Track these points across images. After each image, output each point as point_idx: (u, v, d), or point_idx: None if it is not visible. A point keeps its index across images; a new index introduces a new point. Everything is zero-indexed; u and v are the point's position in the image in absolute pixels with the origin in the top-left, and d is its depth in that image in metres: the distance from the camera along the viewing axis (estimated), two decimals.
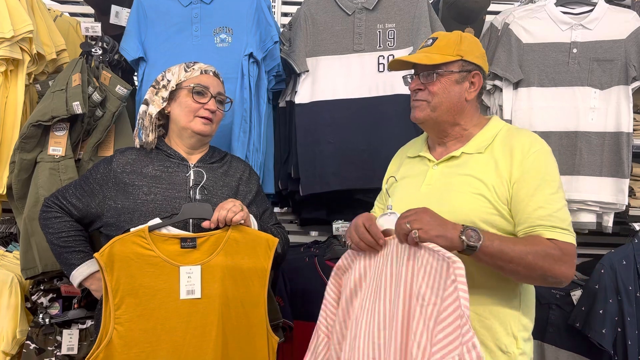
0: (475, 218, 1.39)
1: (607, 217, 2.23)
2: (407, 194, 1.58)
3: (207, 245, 1.56)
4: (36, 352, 2.08)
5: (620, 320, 2.05)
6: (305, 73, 2.26)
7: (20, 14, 2.06)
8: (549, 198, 1.38)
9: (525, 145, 1.43)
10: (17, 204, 2.06)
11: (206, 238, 1.56)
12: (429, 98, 1.51)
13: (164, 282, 1.51)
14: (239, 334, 1.57)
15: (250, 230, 1.61)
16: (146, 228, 1.51)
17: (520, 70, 2.23)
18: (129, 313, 1.48)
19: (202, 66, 1.75)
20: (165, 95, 1.72)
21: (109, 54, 2.21)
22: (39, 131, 2.00)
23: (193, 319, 1.52)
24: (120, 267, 1.49)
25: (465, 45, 1.52)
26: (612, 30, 2.19)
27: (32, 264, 1.99)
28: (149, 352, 1.49)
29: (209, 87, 1.72)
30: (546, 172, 1.41)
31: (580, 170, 2.21)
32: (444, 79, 1.50)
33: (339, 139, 2.21)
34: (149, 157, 1.71)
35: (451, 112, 1.51)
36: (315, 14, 2.27)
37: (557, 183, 1.42)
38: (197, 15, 2.17)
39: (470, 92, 1.52)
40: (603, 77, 2.19)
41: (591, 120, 2.20)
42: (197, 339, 1.51)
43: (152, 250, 1.51)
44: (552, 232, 1.35)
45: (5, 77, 2.11)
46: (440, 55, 1.50)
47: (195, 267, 1.53)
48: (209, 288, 1.54)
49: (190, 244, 1.55)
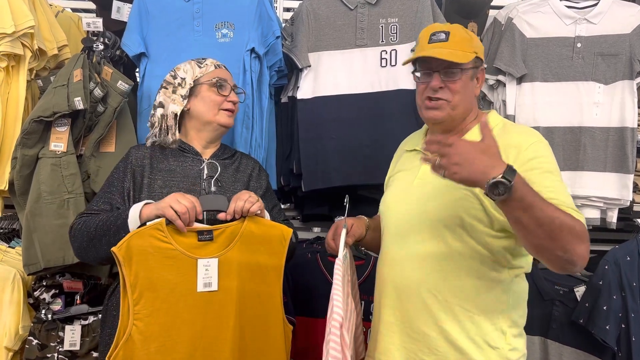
0: (463, 213, 1.40)
1: (611, 212, 2.22)
2: (400, 188, 1.60)
3: (223, 237, 1.56)
4: (39, 347, 2.08)
5: (624, 316, 2.04)
6: (307, 68, 2.25)
7: (21, 10, 2.06)
8: (555, 184, 1.35)
9: (521, 140, 1.42)
10: (19, 200, 2.05)
11: (222, 230, 1.56)
12: (449, 97, 1.48)
13: (183, 275, 1.51)
14: (255, 324, 1.59)
15: (265, 221, 1.62)
16: (163, 221, 1.49)
17: (524, 65, 2.22)
18: (148, 308, 1.48)
19: (213, 61, 1.80)
20: (184, 92, 1.73)
21: (110, 49, 2.20)
22: (41, 127, 1.99)
23: (210, 310, 1.52)
24: (139, 261, 1.47)
25: (476, 41, 1.54)
26: (617, 24, 2.17)
27: (34, 260, 1.99)
28: (168, 346, 1.49)
29: (227, 79, 1.77)
30: (546, 160, 1.40)
31: (584, 165, 2.19)
32: (464, 76, 1.50)
33: (342, 134, 2.20)
34: (164, 153, 1.73)
35: (467, 109, 1.53)
36: (317, 9, 2.26)
37: (559, 172, 1.41)
38: (198, 10, 2.17)
39: (478, 87, 1.55)
40: (607, 72, 2.17)
41: (595, 115, 2.19)
42: (215, 330, 1.52)
43: (170, 243, 1.50)
44: (568, 209, 1.27)
45: (6, 73, 2.10)
46: (464, 53, 1.48)
47: (212, 260, 1.53)
48: (226, 280, 1.54)
49: (207, 237, 1.54)
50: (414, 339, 1.47)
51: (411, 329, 1.47)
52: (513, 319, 1.43)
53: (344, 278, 1.51)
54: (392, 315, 1.52)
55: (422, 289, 1.46)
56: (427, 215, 1.47)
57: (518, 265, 1.46)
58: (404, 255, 1.51)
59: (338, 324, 1.35)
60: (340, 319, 1.36)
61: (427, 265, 1.46)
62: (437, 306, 1.44)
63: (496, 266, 1.43)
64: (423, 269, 1.46)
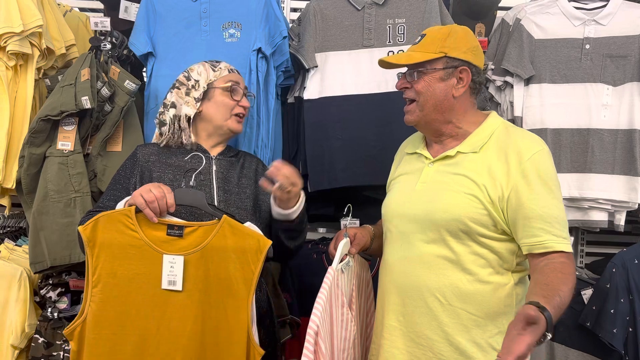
0: (466, 218, 1.41)
1: (619, 215, 2.20)
2: (402, 192, 1.60)
3: (194, 236, 1.48)
4: (45, 345, 2.09)
5: (631, 320, 2.03)
6: (314, 69, 2.24)
7: (30, 9, 2.07)
8: (551, 203, 1.39)
9: (522, 149, 1.42)
10: (26, 199, 2.06)
11: (194, 228, 1.48)
12: (415, 97, 1.53)
13: (145, 267, 1.45)
14: (217, 337, 1.48)
15: (243, 227, 1.51)
16: (133, 208, 1.46)
17: (532, 67, 2.20)
18: (105, 293, 1.44)
19: (227, 65, 1.80)
20: (197, 95, 1.74)
21: (118, 48, 2.21)
22: (48, 126, 2.00)
23: (169, 309, 1.45)
24: (102, 244, 1.44)
25: (452, 41, 1.50)
26: (626, 25, 2.15)
27: (40, 258, 2.00)
28: (119, 336, 1.44)
29: (239, 83, 1.78)
30: (546, 175, 1.40)
31: (592, 168, 2.18)
32: (427, 77, 1.50)
33: (348, 134, 2.20)
34: (171, 150, 1.74)
35: (439, 110, 1.51)
36: (324, 9, 2.26)
37: (557, 186, 1.43)
38: (206, 10, 2.17)
39: (458, 88, 1.51)
40: (616, 74, 2.16)
41: (604, 117, 2.17)
42: (171, 333, 1.45)
43: (136, 232, 1.45)
44: (560, 244, 1.36)
45: (14, 72, 2.11)
46: (422, 54, 1.51)
47: (178, 257, 1.45)
48: (190, 282, 1.46)
49: (176, 232, 1.47)
50: (418, 344, 1.47)
51: (415, 333, 1.47)
52: None
53: (334, 287, 1.50)
54: (396, 319, 1.51)
55: (425, 293, 1.45)
56: (430, 219, 1.46)
57: (522, 267, 1.45)
58: (407, 259, 1.50)
59: (313, 332, 1.35)
60: (315, 327, 1.36)
61: (431, 268, 1.46)
62: (441, 310, 1.43)
63: (500, 269, 1.43)
64: (426, 272, 1.46)
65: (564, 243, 1.37)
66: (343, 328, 1.58)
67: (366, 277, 1.79)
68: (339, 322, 1.55)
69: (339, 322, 1.54)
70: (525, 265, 1.46)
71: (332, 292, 1.50)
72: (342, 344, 1.57)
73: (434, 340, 1.44)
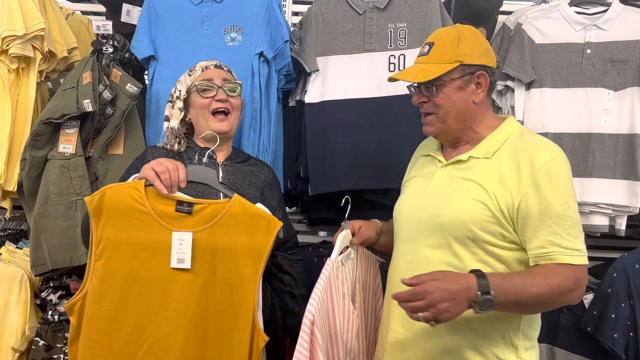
0: (472, 224, 1.37)
1: (620, 220, 2.20)
2: (414, 194, 1.58)
3: (203, 213, 1.42)
4: (45, 348, 2.09)
5: (632, 324, 2.02)
6: (315, 72, 2.25)
7: (32, 12, 2.07)
8: (563, 214, 1.33)
9: (535, 156, 1.37)
10: (27, 201, 2.07)
11: (204, 206, 1.43)
12: (434, 110, 1.48)
13: (151, 242, 1.39)
14: (221, 320, 1.42)
15: (254, 207, 1.46)
16: (143, 181, 1.41)
17: (533, 71, 2.21)
18: (108, 267, 1.38)
19: (203, 63, 1.78)
20: (180, 105, 1.75)
21: (119, 52, 2.21)
22: (50, 129, 2.01)
23: (173, 288, 1.40)
24: (108, 216, 1.38)
25: (464, 47, 1.45)
26: (627, 30, 2.15)
27: (41, 261, 2.00)
28: (119, 313, 1.39)
29: (212, 78, 1.73)
30: (560, 184, 1.35)
31: (593, 172, 2.18)
32: (445, 88, 1.45)
33: (349, 138, 2.20)
34: (179, 155, 1.74)
35: (460, 119, 1.47)
36: (326, 13, 2.26)
37: (570, 195, 1.37)
38: (207, 13, 2.17)
39: (478, 93, 1.47)
40: (617, 78, 2.16)
41: (605, 121, 2.17)
42: (173, 313, 1.40)
43: (144, 205, 1.39)
44: (566, 257, 1.31)
45: (16, 75, 2.12)
46: (437, 66, 1.45)
47: (186, 234, 1.39)
48: (197, 261, 1.40)
49: (186, 209, 1.41)
50: (423, 350, 1.44)
51: (419, 340, 1.45)
52: (525, 332, 1.40)
53: (333, 279, 1.50)
54: (400, 324, 1.49)
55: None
56: (437, 224, 1.44)
57: None
58: (414, 262, 1.47)
59: (309, 321, 1.34)
60: (311, 316, 1.35)
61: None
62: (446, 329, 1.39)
63: None
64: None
65: (573, 255, 1.31)
66: (345, 319, 1.57)
67: (374, 270, 1.77)
68: (341, 314, 1.54)
69: (340, 314, 1.53)
70: None
71: (331, 284, 1.49)
72: (345, 335, 1.56)
73: (439, 349, 1.42)
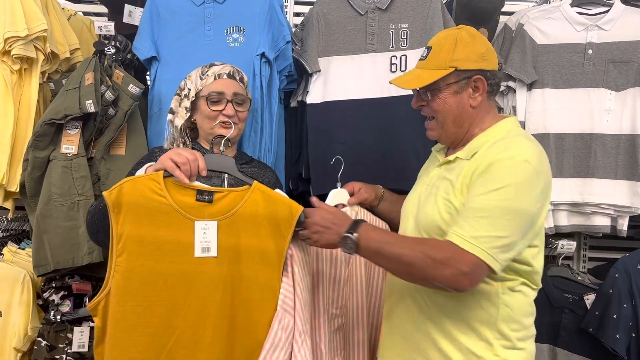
0: (442, 223, 1.40)
1: (622, 220, 2.20)
2: (413, 191, 1.62)
3: (224, 202, 1.41)
4: (47, 349, 2.09)
5: (634, 325, 2.02)
6: (317, 73, 2.25)
7: (34, 13, 2.08)
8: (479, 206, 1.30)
9: (495, 155, 1.35)
10: (29, 202, 2.07)
11: (225, 194, 1.41)
12: (433, 114, 1.50)
13: (173, 234, 1.37)
14: (249, 307, 1.41)
15: (274, 193, 1.46)
16: (161, 173, 1.39)
17: (535, 72, 2.21)
18: (131, 262, 1.36)
19: (216, 70, 1.75)
20: (187, 105, 1.74)
21: (122, 53, 2.22)
22: (52, 129, 2.01)
23: (198, 278, 1.38)
24: (128, 210, 1.35)
25: (459, 52, 1.44)
26: (629, 31, 2.16)
27: (44, 262, 2.01)
28: (145, 307, 1.37)
29: (223, 92, 1.72)
30: (494, 178, 1.31)
31: (595, 173, 2.18)
32: (442, 94, 1.46)
33: (351, 139, 2.20)
34: None
35: (458, 123, 1.48)
36: (327, 14, 2.26)
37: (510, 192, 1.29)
38: (209, 14, 2.18)
39: (476, 97, 1.46)
40: (619, 79, 2.16)
41: (606, 122, 2.18)
42: (199, 302, 1.38)
43: (165, 197, 1.37)
44: (455, 236, 1.29)
45: (19, 76, 2.12)
46: (431, 72, 1.45)
47: (211, 223, 1.38)
48: (221, 249, 1.39)
49: (206, 198, 1.39)
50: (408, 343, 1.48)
51: (405, 333, 1.49)
52: (503, 331, 1.38)
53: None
54: (389, 317, 1.56)
55: (411, 296, 1.47)
56: (417, 222, 1.49)
57: (512, 277, 1.39)
58: None
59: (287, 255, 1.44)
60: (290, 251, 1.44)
61: None
62: (423, 314, 1.44)
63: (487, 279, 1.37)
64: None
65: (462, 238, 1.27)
66: (332, 267, 1.62)
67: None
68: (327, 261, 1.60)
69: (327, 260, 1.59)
70: (517, 275, 1.39)
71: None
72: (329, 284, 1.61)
73: (420, 342, 1.45)
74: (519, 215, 1.29)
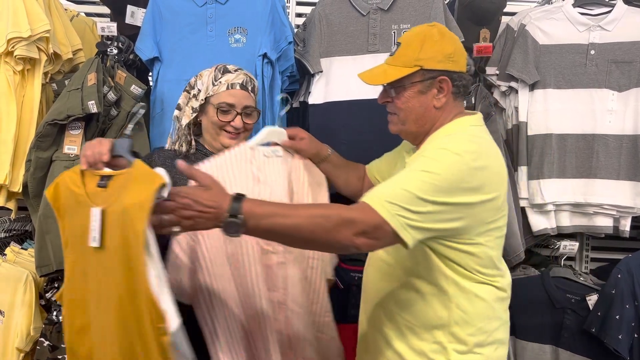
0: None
1: (624, 221, 2.20)
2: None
3: (114, 185, 1.29)
4: (50, 349, 2.10)
5: (637, 326, 2.02)
6: (319, 74, 2.25)
7: (37, 14, 2.08)
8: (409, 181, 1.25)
9: (435, 144, 1.36)
10: (32, 202, 2.08)
11: (117, 176, 1.30)
12: (397, 111, 1.49)
13: (85, 224, 1.29)
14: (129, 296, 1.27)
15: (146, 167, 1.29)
16: (79, 165, 1.34)
17: (537, 72, 2.21)
18: (74, 253, 1.35)
19: (230, 78, 1.70)
20: (195, 106, 1.73)
21: (124, 53, 2.22)
22: (55, 130, 2.02)
23: (100, 270, 1.31)
24: (60, 205, 1.36)
25: (426, 52, 1.41)
26: (631, 31, 2.16)
27: (46, 262, 2.01)
28: (77, 298, 1.36)
29: (234, 104, 1.69)
30: (428, 165, 1.28)
31: (597, 173, 2.18)
32: (406, 92, 1.44)
33: (352, 139, 2.20)
34: (186, 156, 1.73)
35: (420, 123, 1.46)
36: (329, 15, 2.27)
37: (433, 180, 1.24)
38: (212, 15, 2.18)
39: (440, 98, 1.43)
40: (621, 79, 2.16)
41: (609, 122, 2.17)
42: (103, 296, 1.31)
43: (79, 187, 1.33)
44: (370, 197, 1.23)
45: (22, 76, 2.13)
46: (396, 69, 1.44)
47: (96, 210, 1.27)
48: (109, 238, 1.27)
49: (101, 183, 1.30)
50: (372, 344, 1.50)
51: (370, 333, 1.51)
52: (457, 335, 1.37)
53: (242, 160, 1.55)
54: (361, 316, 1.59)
55: (374, 296, 1.49)
56: None
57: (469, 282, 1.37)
58: (370, 261, 1.56)
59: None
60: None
61: (378, 272, 1.50)
62: (384, 314, 1.46)
63: (438, 280, 1.37)
64: (375, 276, 1.51)
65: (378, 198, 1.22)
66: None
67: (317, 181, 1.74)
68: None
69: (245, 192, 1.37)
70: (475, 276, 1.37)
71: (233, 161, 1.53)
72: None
73: (380, 342, 1.47)
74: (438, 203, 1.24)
